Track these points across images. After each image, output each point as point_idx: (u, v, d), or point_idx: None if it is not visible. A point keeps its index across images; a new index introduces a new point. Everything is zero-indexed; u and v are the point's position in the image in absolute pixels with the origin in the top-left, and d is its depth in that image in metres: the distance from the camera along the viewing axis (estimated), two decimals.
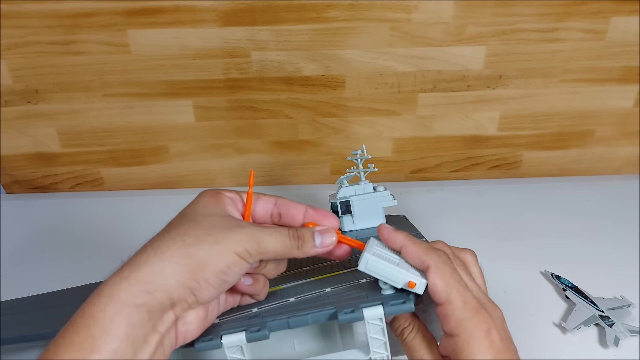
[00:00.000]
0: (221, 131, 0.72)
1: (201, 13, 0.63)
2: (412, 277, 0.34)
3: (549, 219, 0.66)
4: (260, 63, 0.67)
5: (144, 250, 0.32)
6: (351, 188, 0.53)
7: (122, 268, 0.31)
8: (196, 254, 0.32)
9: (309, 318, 0.35)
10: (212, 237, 0.32)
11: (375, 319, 0.34)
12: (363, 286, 0.39)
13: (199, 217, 0.34)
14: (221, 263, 0.32)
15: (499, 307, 0.35)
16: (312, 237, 0.36)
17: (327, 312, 0.35)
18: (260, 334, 0.34)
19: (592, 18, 0.65)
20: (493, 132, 0.74)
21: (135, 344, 0.29)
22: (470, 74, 0.69)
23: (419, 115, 0.72)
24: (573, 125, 0.74)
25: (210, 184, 0.77)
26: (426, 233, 0.53)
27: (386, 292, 0.36)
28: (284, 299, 0.39)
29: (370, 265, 0.35)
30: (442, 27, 0.65)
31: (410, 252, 0.36)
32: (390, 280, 0.35)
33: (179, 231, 0.33)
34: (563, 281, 0.55)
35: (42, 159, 0.73)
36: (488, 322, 0.33)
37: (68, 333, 0.29)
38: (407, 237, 0.36)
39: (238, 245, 0.33)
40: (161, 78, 0.67)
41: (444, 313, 0.34)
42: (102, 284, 0.30)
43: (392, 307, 0.34)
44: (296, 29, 0.64)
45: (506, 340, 0.34)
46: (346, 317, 0.34)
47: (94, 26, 0.63)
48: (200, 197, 0.37)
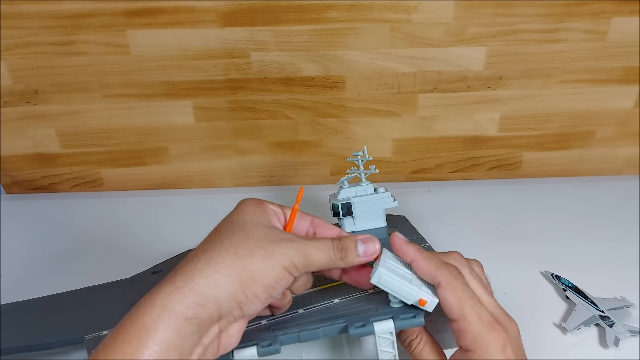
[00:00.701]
0: (221, 132, 0.72)
1: (201, 14, 0.63)
2: (424, 295, 0.35)
3: (549, 220, 0.66)
4: (260, 64, 0.67)
5: (197, 259, 0.32)
6: (352, 189, 0.53)
7: (175, 277, 0.31)
8: (249, 267, 0.31)
9: (319, 332, 0.35)
10: (263, 250, 0.32)
11: (385, 332, 0.34)
12: (371, 297, 0.39)
13: (248, 226, 0.34)
14: (271, 277, 0.32)
15: (515, 322, 0.35)
16: (355, 246, 0.36)
17: (337, 326, 0.35)
18: (272, 348, 0.34)
19: (593, 19, 0.65)
20: (493, 132, 0.74)
21: (182, 355, 0.29)
22: (470, 75, 0.68)
23: (419, 116, 0.72)
24: (574, 126, 0.74)
25: (210, 184, 0.77)
26: (426, 233, 0.52)
27: (395, 305, 0.36)
28: (293, 310, 0.39)
29: (383, 280, 0.35)
30: (443, 27, 0.65)
31: (421, 267, 0.36)
32: (402, 296, 0.35)
33: (232, 242, 0.32)
34: (563, 281, 0.55)
35: (41, 159, 0.73)
36: (504, 337, 0.33)
37: (119, 342, 0.29)
38: (419, 250, 0.36)
39: (287, 259, 0.33)
40: (161, 79, 0.67)
41: (459, 329, 0.34)
42: (154, 292, 0.30)
43: (402, 322, 0.35)
44: (296, 30, 0.64)
45: (520, 354, 0.34)
46: (357, 331, 0.34)
47: (94, 27, 0.63)
48: (245, 205, 0.36)
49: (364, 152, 0.53)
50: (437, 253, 0.39)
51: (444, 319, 0.40)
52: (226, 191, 0.76)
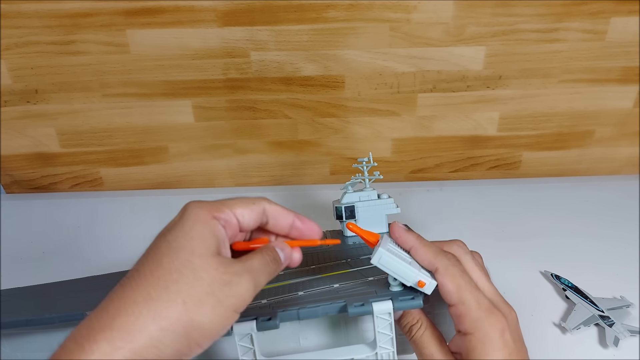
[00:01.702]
0: (220, 131, 0.72)
1: (200, 13, 0.63)
2: (423, 276, 0.35)
3: (548, 219, 0.66)
4: (260, 63, 0.67)
5: (138, 309, 0.28)
6: (356, 194, 0.53)
7: (112, 332, 0.27)
8: (198, 320, 0.29)
9: (319, 310, 0.35)
10: (215, 299, 0.29)
11: (384, 313, 0.35)
12: (371, 283, 0.39)
13: (196, 260, 0.30)
14: (220, 326, 0.30)
15: (514, 310, 0.36)
16: (279, 254, 0.34)
17: (337, 305, 0.36)
18: (271, 323, 0.35)
19: (592, 18, 0.65)
20: (493, 132, 0.74)
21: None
22: (469, 74, 0.68)
23: (418, 115, 0.72)
24: (573, 126, 0.74)
25: (210, 184, 0.77)
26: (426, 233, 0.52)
27: (394, 288, 0.37)
28: (293, 292, 0.40)
29: (384, 260, 0.35)
30: (442, 27, 0.65)
31: (419, 254, 0.36)
32: (401, 277, 0.36)
33: (179, 287, 0.29)
34: (563, 281, 0.55)
35: (41, 159, 0.73)
36: (502, 322, 0.33)
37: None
38: (418, 238, 0.37)
39: (239, 299, 0.30)
40: (160, 78, 0.67)
41: (457, 313, 0.34)
42: (87, 349, 0.26)
43: (401, 303, 0.35)
44: (295, 29, 0.64)
45: (519, 342, 0.34)
46: (356, 310, 0.35)
47: (93, 26, 0.63)
48: (193, 220, 0.32)
49: (369, 159, 0.54)
50: (440, 241, 0.39)
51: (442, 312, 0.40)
52: (226, 191, 0.76)
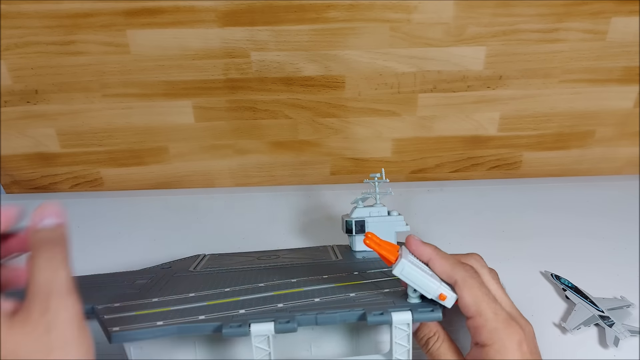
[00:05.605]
0: (221, 132, 0.72)
1: (201, 13, 0.63)
2: (444, 290, 0.35)
3: (549, 219, 0.66)
4: (260, 63, 0.67)
5: None
6: (366, 210, 0.53)
7: None
8: None
9: (337, 316, 0.35)
10: None
11: (402, 324, 0.35)
12: (387, 294, 0.39)
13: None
14: None
15: (530, 324, 0.36)
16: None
17: (356, 313, 0.35)
18: (289, 325, 0.34)
19: (593, 18, 0.65)
20: (493, 132, 0.74)
21: None
22: (470, 75, 0.68)
23: (419, 115, 0.72)
24: (573, 126, 0.74)
25: (210, 184, 0.77)
26: (427, 233, 0.53)
27: (412, 300, 0.36)
28: (309, 298, 0.39)
29: (406, 272, 0.35)
30: (442, 27, 0.65)
31: (438, 265, 0.36)
32: (423, 289, 0.35)
33: None
34: (563, 281, 0.55)
35: (41, 159, 0.73)
36: (520, 333, 0.33)
37: None
38: (435, 250, 0.37)
39: None
40: (161, 78, 0.67)
41: (475, 325, 0.34)
42: None
43: (420, 314, 0.35)
44: (296, 30, 0.64)
45: (536, 354, 0.34)
46: (375, 319, 0.34)
47: (94, 26, 0.63)
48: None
49: (382, 175, 0.54)
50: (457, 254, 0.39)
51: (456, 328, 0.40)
52: (226, 191, 0.76)
